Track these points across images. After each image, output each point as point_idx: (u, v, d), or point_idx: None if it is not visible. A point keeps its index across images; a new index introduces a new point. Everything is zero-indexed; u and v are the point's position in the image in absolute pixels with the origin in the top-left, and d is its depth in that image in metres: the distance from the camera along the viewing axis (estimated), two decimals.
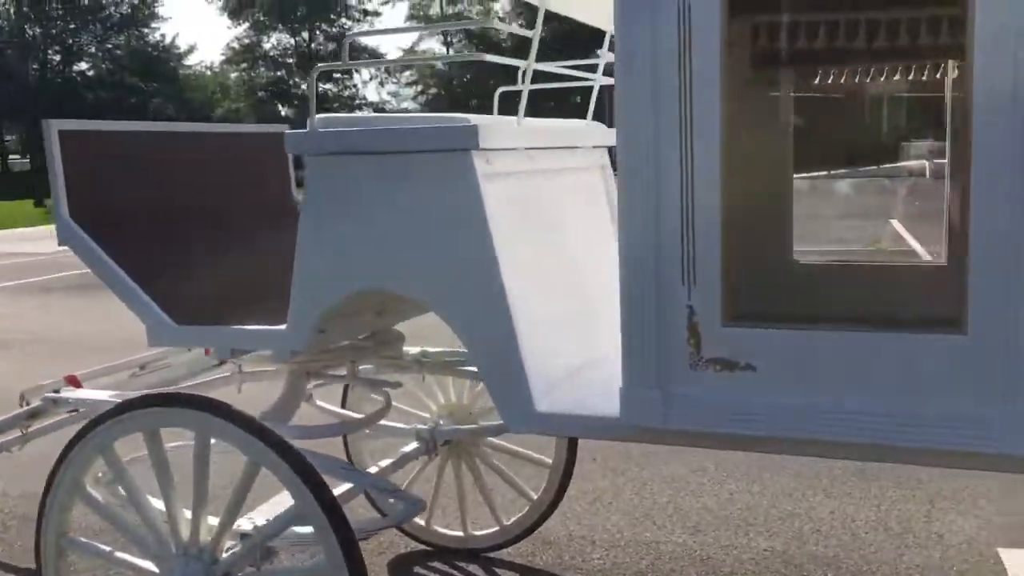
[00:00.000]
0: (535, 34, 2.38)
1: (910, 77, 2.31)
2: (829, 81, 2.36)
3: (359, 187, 2.29)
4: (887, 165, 3.37)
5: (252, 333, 2.49)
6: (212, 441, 2.31)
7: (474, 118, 2.30)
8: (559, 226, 2.65)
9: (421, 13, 56.14)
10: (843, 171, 3.74)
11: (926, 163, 3.21)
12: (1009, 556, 3.52)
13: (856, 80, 2.36)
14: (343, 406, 3.64)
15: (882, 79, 2.35)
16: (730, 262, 1.92)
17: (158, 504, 2.40)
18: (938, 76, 2.23)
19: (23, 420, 2.97)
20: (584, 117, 2.97)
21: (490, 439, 3.59)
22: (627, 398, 2.04)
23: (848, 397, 1.85)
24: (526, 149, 2.46)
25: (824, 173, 3.51)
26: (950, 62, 2.19)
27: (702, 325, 1.96)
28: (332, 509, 2.19)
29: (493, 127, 2.23)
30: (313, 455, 2.30)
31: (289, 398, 2.78)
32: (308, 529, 2.25)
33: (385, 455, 3.15)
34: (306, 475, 2.20)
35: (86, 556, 2.60)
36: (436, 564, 3.68)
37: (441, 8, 55.75)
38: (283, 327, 2.42)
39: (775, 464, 4.49)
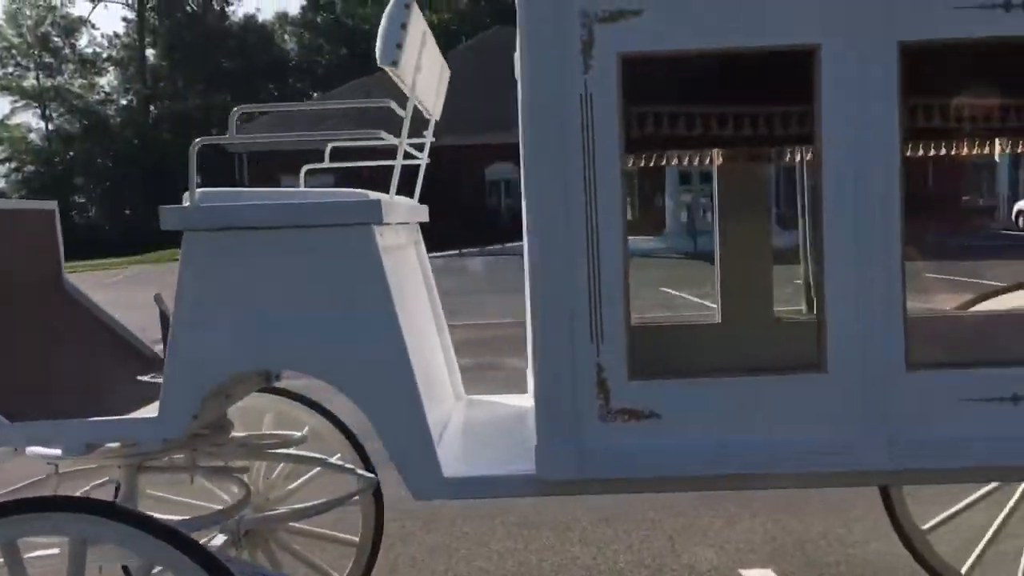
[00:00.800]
0: (407, 113, 2.50)
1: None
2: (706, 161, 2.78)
3: (250, 263, 2.23)
4: None
5: (116, 424, 2.28)
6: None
7: (345, 192, 2.37)
8: (413, 299, 2.75)
9: (13, 84, 52.07)
10: None
11: None
12: (749, 574, 4.09)
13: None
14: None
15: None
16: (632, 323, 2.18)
17: None
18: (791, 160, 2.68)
19: None
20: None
21: (291, 524, 3.50)
22: (543, 453, 2.20)
23: (743, 437, 2.17)
24: (396, 224, 2.55)
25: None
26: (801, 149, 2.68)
27: (609, 378, 2.18)
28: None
29: (386, 202, 2.31)
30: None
31: (128, 496, 2.54)
32: None
33: None
34: (215, 567, 2.07)
35: None
36: None
37: (38, 79, 52.06)
38: (152, 415, 2.26)
39: (530, 521, 4.79)
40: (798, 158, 2.76)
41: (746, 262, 3.09)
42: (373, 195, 2.32)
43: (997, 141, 2.59)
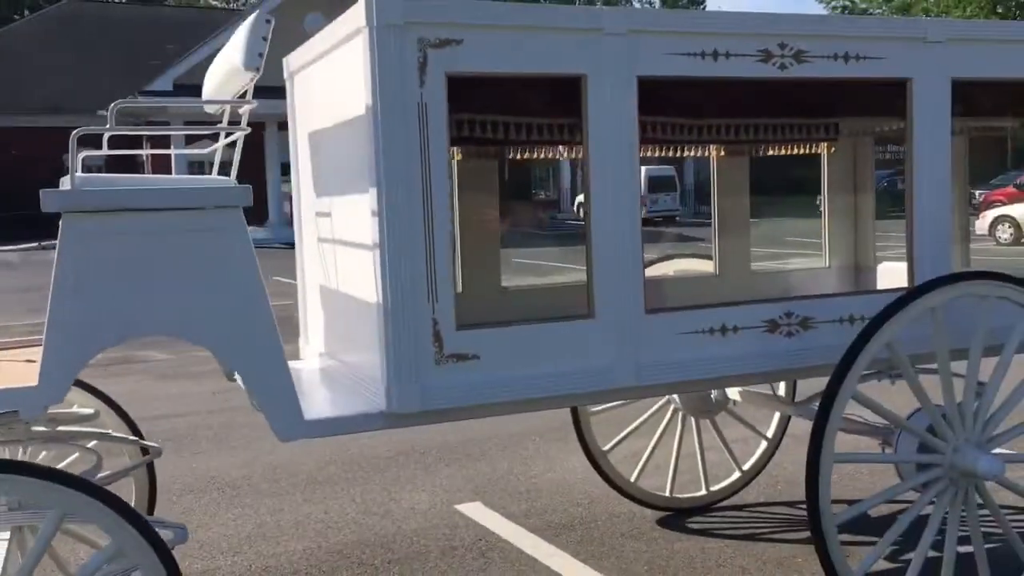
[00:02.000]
0: (247, 107, 2.84)
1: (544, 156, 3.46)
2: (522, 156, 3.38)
3: (125, 242, 2.47)
4: None
5: None
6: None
7: (208, 179, 2.69)
8: None
9: None
10: None
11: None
12: (464, 508, 4.83)
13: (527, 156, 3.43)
14: None
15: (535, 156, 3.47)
16: (460, 287, 2.78)
17: None
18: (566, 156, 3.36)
19: None
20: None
21: None
22: (391, 392, 2.72)
23: (539, 368, 2.86)
24: None
25: None
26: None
27: (442, 330, 2.76)
28: (149, 531, 2.35)
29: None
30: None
31: None
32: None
33: None
34: (126, 511, 2.32)
35: None
36: None
37: None
38: (32, 384, 2.40)
39: (262, 489, 5.12)
40: (563, 156, 3.50)
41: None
42: (231, 181, 2.66)
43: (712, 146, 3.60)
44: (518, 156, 3.53)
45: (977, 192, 25.23)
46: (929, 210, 3.34)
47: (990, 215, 19.53)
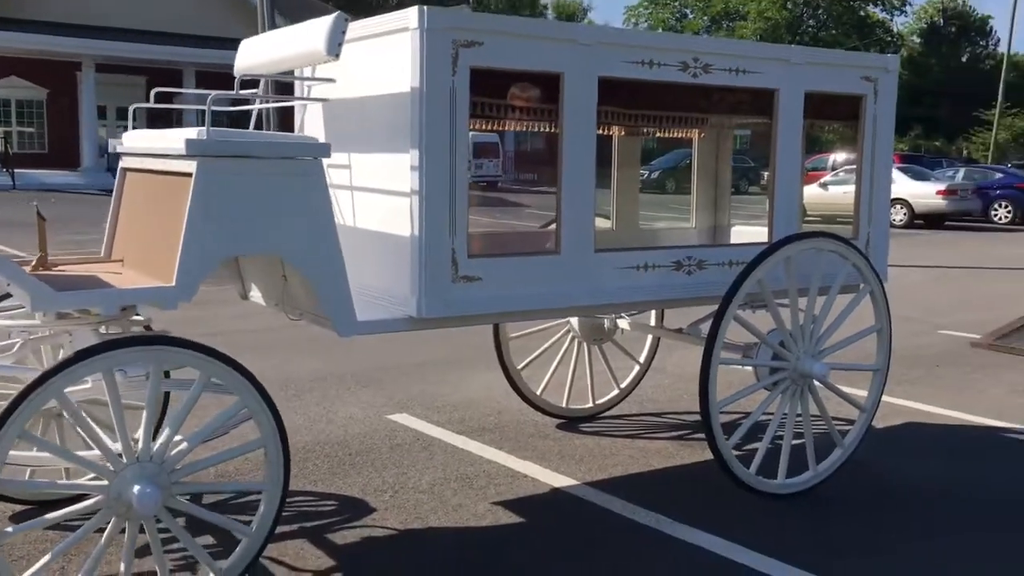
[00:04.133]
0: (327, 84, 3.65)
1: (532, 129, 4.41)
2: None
3: (241, 180, 3.25)
4: None
5: (143, 291, 3.13)
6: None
7: (296, 135, 3.51)
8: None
9: None
10: None
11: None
12: (394, 418, 5.76)
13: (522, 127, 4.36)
14: None
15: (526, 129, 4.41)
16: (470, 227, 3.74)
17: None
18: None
19: None
20: None
21: None
22: (421, 303, 3.65)
23: (522, 289, 3.87)
24: None
25: None
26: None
27: (458, 258, 3.71)
28: (267, 396, 3.20)
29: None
30: None
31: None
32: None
33: None
34: (251, 378, 3.16)
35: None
36: None
37: None
38: (171, 284, 3.16)
39: None
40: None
41: None
42: (313, 137, 3.48)
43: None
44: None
45: (765, 174, 28.24)
46: (784, 186, 4.58)
47: None
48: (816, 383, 4.54)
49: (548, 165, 5.30)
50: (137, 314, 3.73)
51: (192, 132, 3.21)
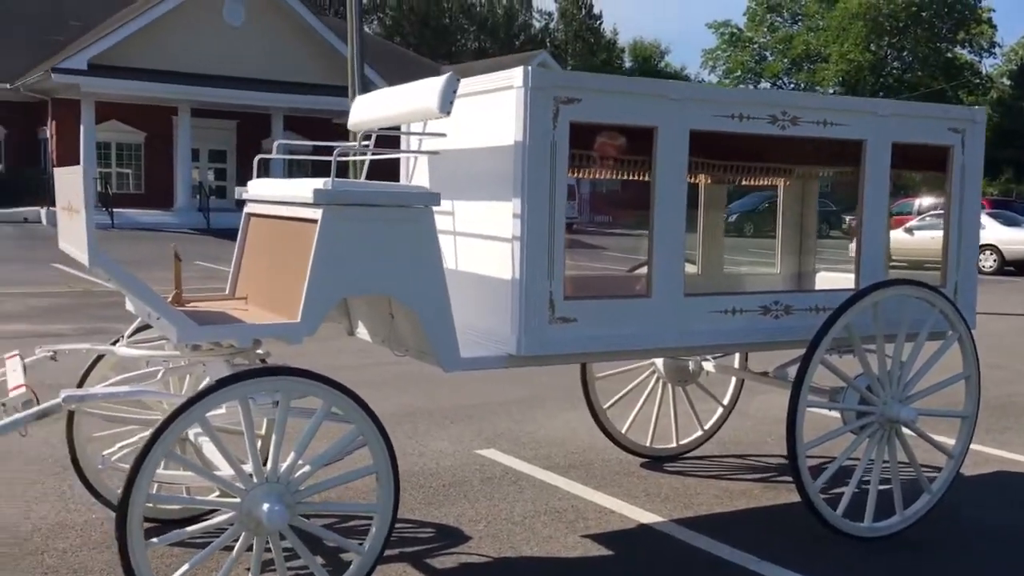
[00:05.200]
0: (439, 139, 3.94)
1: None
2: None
3: (360, 226, 3.54)
4: None
5: (273, 326, 3.43)
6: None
7: (407, 185, 3.79)
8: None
9: None
10: None
11: None
12: (483, 452, 5.98)
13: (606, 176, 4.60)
14: None
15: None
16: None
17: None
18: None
19: (33, 419, 3.02)
20: None
21: None
22: (520, 342, 3.88)
23: (615, 330, 4.07)
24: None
25: None
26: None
27: (555, 300, 3.94)
28: (382, 428, 3.45)
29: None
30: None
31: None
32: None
33: None
34: (368, 410, 3.42)
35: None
36: None
37: None
38: (296, 320, 3.45)
39: None
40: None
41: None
42: (426, 188, 3.76)
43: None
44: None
45: (848, 218, 28.00)
46: (871, 233, 4.71)
47: None
48: (904, 428, 4.61)
49: (624, 207, 5.56)
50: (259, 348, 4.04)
51: (319, 183, 3.52)
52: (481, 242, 4.18)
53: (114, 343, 4.04)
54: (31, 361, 3.91)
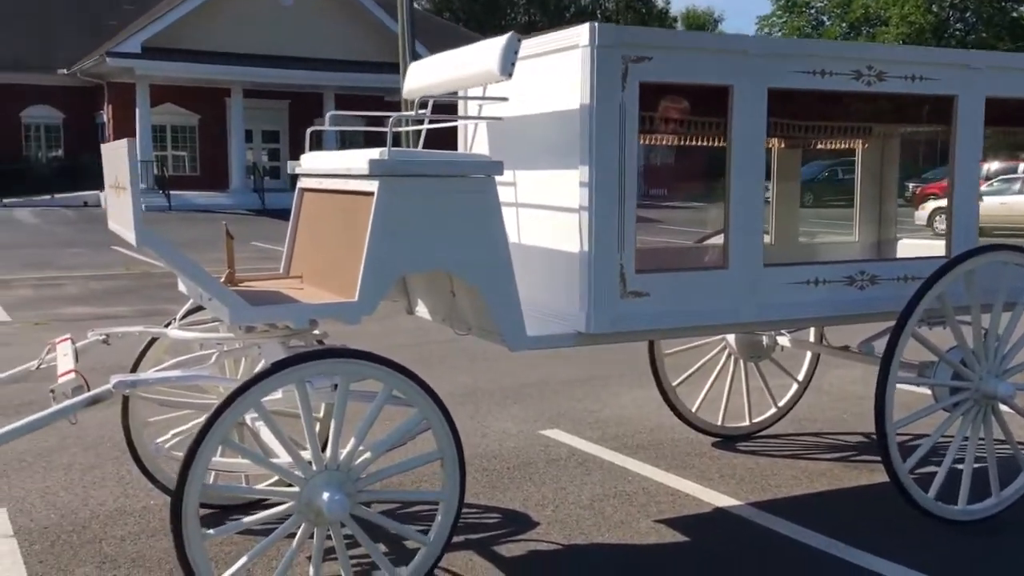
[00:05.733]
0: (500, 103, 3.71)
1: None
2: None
3: (419, 198, 3.33)
4: None
5: (329, 306, 3.25)
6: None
7: (469, 154, 3.56)
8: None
9: None
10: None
11: None
12: (547, 433, 5.77)
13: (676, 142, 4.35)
14: None
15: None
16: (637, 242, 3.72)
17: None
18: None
19: (83, 406, 2.90)
20: None
21: None
22: (590, 318, 3.65)
23: (689, 305, 3.82)
24: None
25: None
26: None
27: (626, 273, 3.70)
28: (446, 412, 3.26)
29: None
30: None
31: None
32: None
33: None
34: (432, 393, 3.23)
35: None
36: None
37: None
38: (354, 300, 3.26)
39: None
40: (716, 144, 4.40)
41: None
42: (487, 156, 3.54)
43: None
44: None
45: (911, 184, 27.12)
46: (963, 197, 4.37)
47: (929, 207, 21.16)
48: (1001, 405, 4.29)
49: (683, 178, 5.27)
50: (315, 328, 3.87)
51: (374, 153, 3.32)
52: (546, 213, 3.95)
53: (167, 325, 3.90)
54: (83, 345, 3.79)
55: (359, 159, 3.35)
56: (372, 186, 3.31)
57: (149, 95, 28.62)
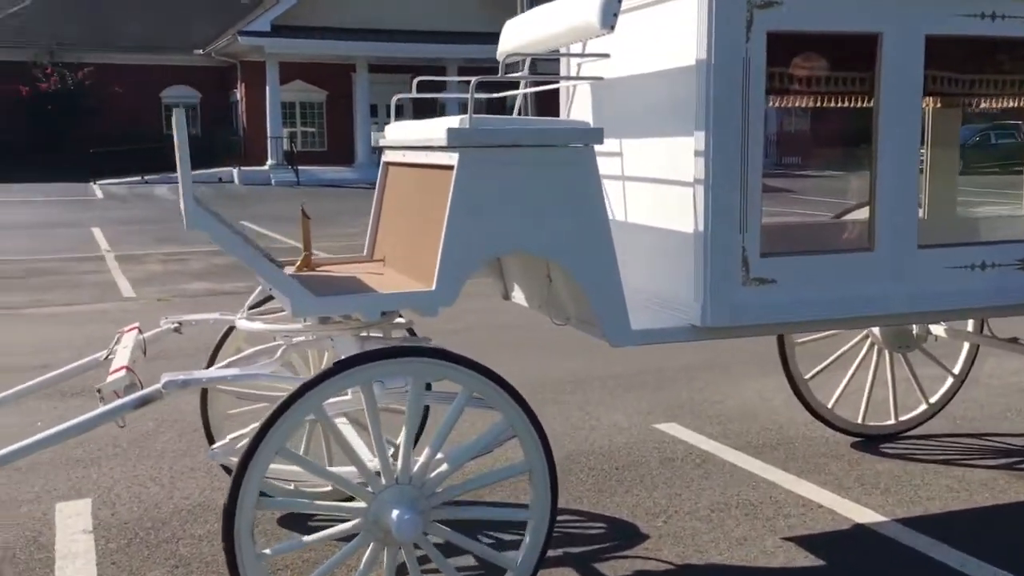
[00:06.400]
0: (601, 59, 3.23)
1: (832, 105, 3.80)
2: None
3: (506, 172, 2.89)
4: None
5: (403, 296, 2.86)
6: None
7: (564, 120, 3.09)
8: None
9: None
10: None
11: None
12: (662, 427, 5.27)
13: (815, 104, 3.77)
14: None
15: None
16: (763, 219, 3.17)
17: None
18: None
19: (131, 408, 2.65)
20: None
21: None
22: (705, 309, 3.14)
23: (826, 293, 3.25)
24: None
25: None
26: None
27: (749, 257, 3.16)
28: (534, 417, 2.83)
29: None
30: None
31: None
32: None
33: None
34: (518, 397, 2.80)
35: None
36: None
37: None
38: (430, 288, 2.86)
39: None
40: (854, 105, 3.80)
41: None
42: (587, 122, 3.07)
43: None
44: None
45: None
46: None
47: None
48: None
49: (813, 146, 4.64)
50: (400, 316, 3.49)
51: (454, 120, 2.89)
52: (655, 187, 3.45)
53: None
54: (154, 334, 3.54)
55: (439, 128, 2.93)
56: (452, 158, 2.89)
57: (279, 73, 29.13)
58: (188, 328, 3.75)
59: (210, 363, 3.79)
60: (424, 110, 20.34)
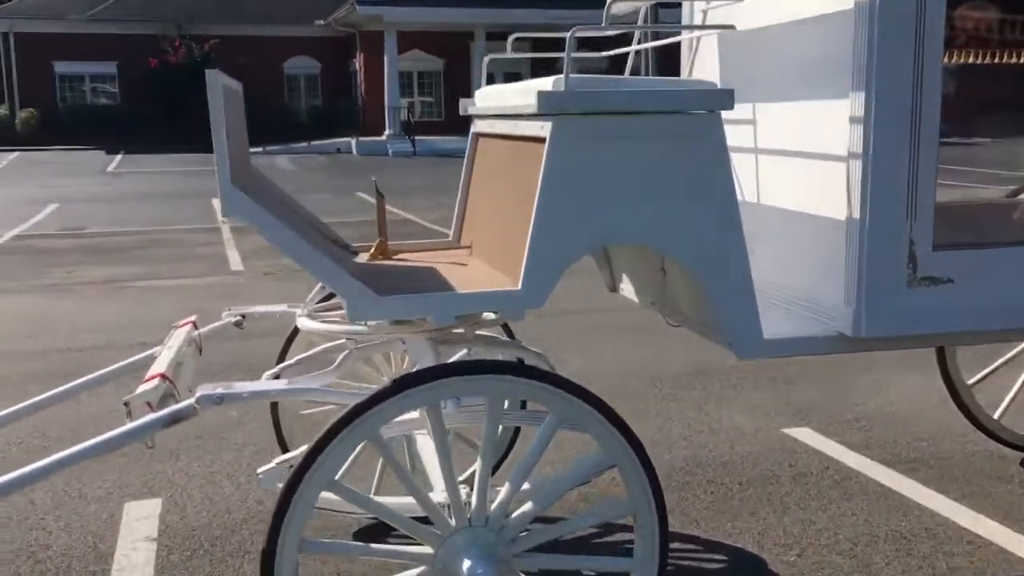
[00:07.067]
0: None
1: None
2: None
3: (611, 145, 2.35)
4: None
5: (482, 296, 2.36)
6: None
7: (686, 80, 2.51)
8: None
9: None
10: None
11: None
12: (793, 433, 4.64)
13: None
14: None
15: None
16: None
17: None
18: None
19: (161, 426, 2.28)
20: None
21: None
22: (859, 316, 2.52)
23: (1014, 297, 2.59)
24: None
25: None
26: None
27: (918, 251, 2.53)
28: (639, 448, 2.30)
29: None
30: None
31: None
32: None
33: None
34: (618, 422, 2.27)
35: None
36: None
37: None
38: (515, 288, 2.35)
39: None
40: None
41: None
42: (712, 83, 2.49)
43: None
44: None
45: None
46: None
47: None
48: None
49: (989, 109, 3.89)
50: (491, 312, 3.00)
51: (547, 82, 2.36)
52: (797, 163, 2.83)
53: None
54: (211, 329, 3.15)
55: (530, 92, 2.40)
56: (544, 129, 2.36)
57: (396, 42, 29.02)
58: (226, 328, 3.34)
59: (280, 359, 3.40)
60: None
